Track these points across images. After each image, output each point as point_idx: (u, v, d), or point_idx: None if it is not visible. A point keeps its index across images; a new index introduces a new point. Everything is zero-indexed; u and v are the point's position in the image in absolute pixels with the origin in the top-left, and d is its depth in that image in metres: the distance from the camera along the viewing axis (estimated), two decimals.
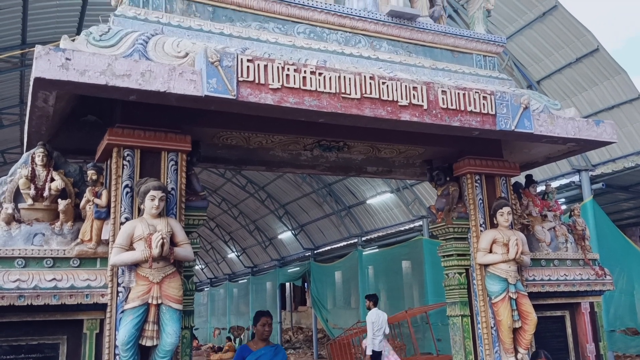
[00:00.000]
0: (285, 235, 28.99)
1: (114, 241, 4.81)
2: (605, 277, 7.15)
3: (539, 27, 13.48)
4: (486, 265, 6.33)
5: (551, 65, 14.01)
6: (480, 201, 6.57)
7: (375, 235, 23.02)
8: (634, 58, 53.91)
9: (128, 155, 5.04)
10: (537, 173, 12.76)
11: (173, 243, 4.85)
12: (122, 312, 4.72)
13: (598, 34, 12.84)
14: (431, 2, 7.24)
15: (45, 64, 4.18)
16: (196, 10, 5.71)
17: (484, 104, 5.81)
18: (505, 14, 13.65)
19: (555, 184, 13.84)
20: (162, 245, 4.67)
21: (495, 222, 6.42)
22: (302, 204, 26.08)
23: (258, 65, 4.92)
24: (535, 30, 13.62)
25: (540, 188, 7.47)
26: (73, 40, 4.70)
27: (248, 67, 4.87)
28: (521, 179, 7.41)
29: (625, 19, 58.62)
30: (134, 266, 4.76)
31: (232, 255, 36.13)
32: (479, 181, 6.63)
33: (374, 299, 12.76)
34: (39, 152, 5.05)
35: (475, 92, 5.82)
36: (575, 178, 14.05)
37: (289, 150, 6.74)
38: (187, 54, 5.05)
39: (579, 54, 13.25)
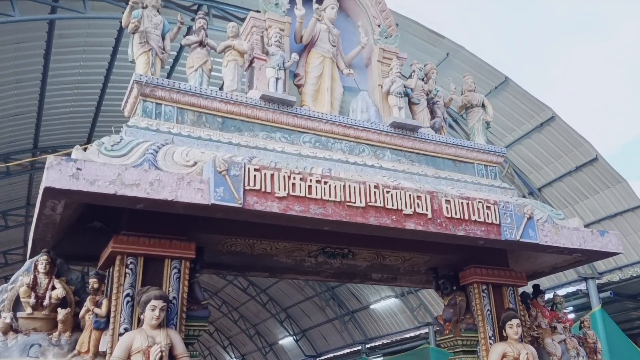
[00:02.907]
0: (287, 341, 28.11)
1: (111, 353, 4.65)
2: None
3: (537, 136, 13.85)
4: None
5: (551, 173, 14.24)
6: (489, 312, 6.42)
7: (380, 342, 22.31)
8: (631, 164, 54.95)
9: (131, 263, 5.00)
10: (543, 281, 12.59)
11: (172, 356, 4.69)
12: None
13: (594, 140, 13.21)
14: (432, 113, 7.51)
15: (56, 174, 4.26)
16: (206, 121, 5.91)
17: (487, 213, 5.84)
18: (503, 124, 14.08)
19: (562, 292, 13.61)
20: (161, 359, 4.51)
21: (504, 334, 6.21)
22: (304, 308, 25.52)
23: (265, 174, 5.01)
24: (534, 140, 13.99)
25: (548, 296, 7.33)
26: (85, 150, 4.82)
27: (255, 176, 4.96)
28: (528, 288, 7.28)
29: (620, 125, 60.46)
30: None
31: None
32: (486, 291, 6.51)
33: None
34: (42, 260, 5.03)
35: (479, 201, 5.87)
36: (582, 286, 13.84)
37: (293, 257, 6.70)
38: (195, 163, 5.16)
39: (578, 163, 13.51)
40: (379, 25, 7.37)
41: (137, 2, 5.86)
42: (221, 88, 6.31)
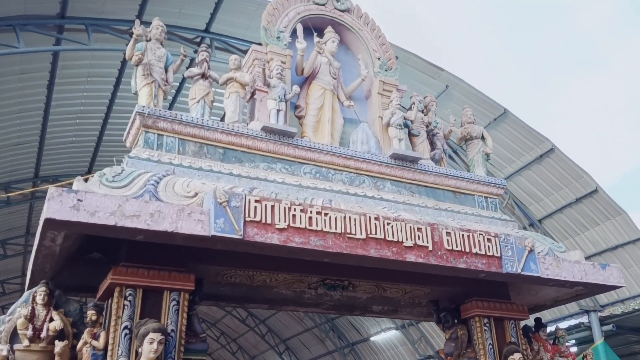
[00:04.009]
0: None
1: None
2: None
3: (537, 168, 13.88)
4: None
5: (552, 204, 14.23)
6: (490, 346, 6.34)
7: None
8: (631, 194, 54.88)
9: (130, 294, 4.95)
10: (545, 313, 12.49)
11: None
12: None
13: (594, 170, 13.29)
14: (432, 145, 7.55)
15: (57, 205, 4.26)
16: (207, 152, 5.93)
17: (488, 246, 5.82)
18: (503, 155, 14.13)
19: (564, 325, 13.48)
20: None
21: None
22: (304, 340, 25.20)
23: (265, 205, 5.00)
24: (534, 172, 14.01)
25: (550, 329, 7.25)
26: (86, 181, 4.83)
27: (255, 207, 4.95)
28: (530, 321, 7.20)
29: (620, 155, 60.59)
30: None
31: None
32: (487, 325, 6.44)
33: None
34: (40, 291, 4.99)
35: (480, 233, 5.85)
36: (584, 319, 13.72)
37: (293, 289, 6.65)
38: (196, 194, 5.16)
39: (578, 195, 13.51)
40: (379, 58, 7.47)
41: (140, 35, 5.94)
42: (222, 119, 6.35)
